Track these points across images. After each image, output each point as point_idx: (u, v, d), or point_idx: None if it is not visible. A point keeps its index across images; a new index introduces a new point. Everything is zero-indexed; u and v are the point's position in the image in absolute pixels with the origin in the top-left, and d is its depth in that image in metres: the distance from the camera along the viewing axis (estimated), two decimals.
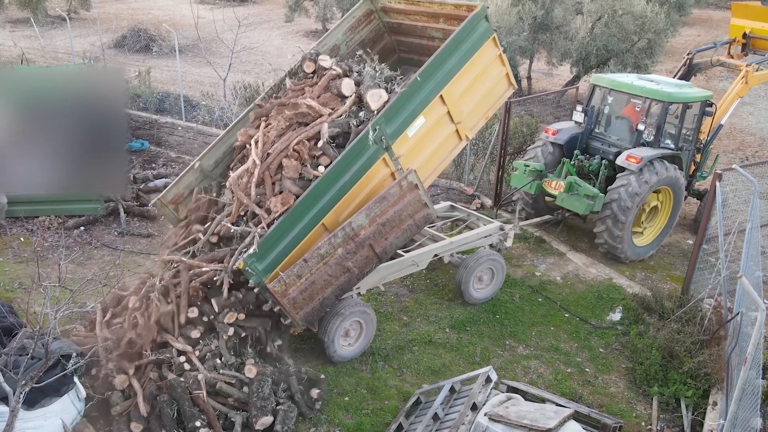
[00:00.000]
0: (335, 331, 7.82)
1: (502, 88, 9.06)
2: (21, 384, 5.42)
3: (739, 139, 17.28)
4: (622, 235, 10.27)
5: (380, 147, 7.62)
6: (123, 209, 11.65)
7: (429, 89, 7.94)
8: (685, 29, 27.26)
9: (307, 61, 8.61)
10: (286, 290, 6.95)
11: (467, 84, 8.41)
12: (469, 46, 8.19)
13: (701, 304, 8.76)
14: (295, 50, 25.52)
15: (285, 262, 7.17)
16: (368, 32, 9.57)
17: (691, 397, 7.54)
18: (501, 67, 8.86)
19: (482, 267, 9.30)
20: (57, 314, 5.68)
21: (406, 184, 7.50)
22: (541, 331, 9.05)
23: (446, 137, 8.49)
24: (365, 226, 7.26)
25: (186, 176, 8.65)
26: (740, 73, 11.54)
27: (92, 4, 32.16)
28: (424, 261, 8.88)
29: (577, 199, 10.30)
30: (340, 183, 7.41)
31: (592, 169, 10.94)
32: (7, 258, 10.23)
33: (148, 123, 15.81)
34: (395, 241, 7.64)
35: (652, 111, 10.50)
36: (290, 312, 7.10)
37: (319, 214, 7.36)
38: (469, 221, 10.19)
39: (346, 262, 7.26)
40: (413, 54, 9.85)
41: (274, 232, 7.06)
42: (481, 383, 6.76)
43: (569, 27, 19.01)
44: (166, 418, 6.59)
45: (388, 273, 8.52)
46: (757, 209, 8.24)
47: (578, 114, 11.23)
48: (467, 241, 9.39)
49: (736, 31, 12.56)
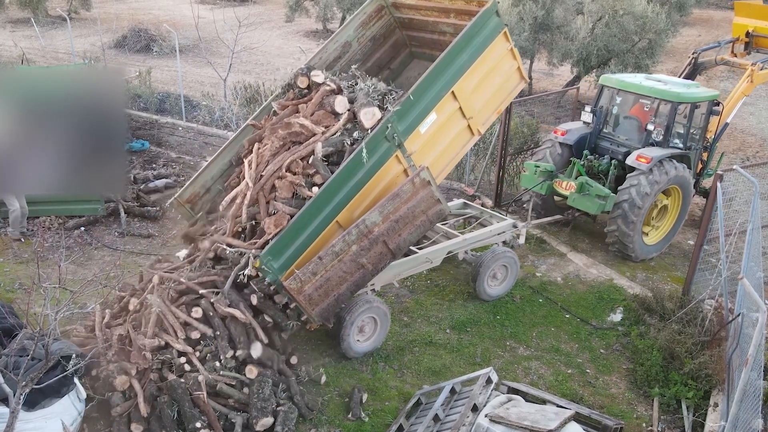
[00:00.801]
0: (350, 327, 7.89)
1: (514, 82, 9.02)
2: (21, 385, 5.42)
3: (739, 139, 17.27)
4: (633, 235, 10.36)
5: (393, 144, 7.62)
6: (123, 210, 11.65)
7: (440, 85, 7.90)
8: (685, 29, 27.26)
9: (300, 77, 8.54)
10: (301, 287, 7.02)
11: (479, 79, 8.37)
12: (480, 42, 8.14)
13: (702, 305, 8.75)
14: (295, 50, 25.54)
15: (300, 259, 7.22)
16: (379, 28, 9.54)
17: (692, 398, 7.53)
18: (512, 62, 8.81)
19: (497, 264, 9.40)
20: (57, 315, 5.68)
21: (419, 181, 7.54)
22: (541, 332, 9.04)
23: (458, 132, 8.47)
24: (379, 223, 7.32)
25: (201, 176, 8.78)
26: (746, 72, 11.69)
27: (93, 4, 32.19)
28: (438, 258, 8.96)
29: (589, 199, 10.41)
30: (353, 181, 7.44)
31: (601, 168, 11.06)
32: (7, 258, 10.22)
33: (149, 123, 15.81)
34: (409, 237, 7.68)
35: (660, 111, 10.63)
36: (306, 308, 7.17)
37: (333, 212, 7.39)
38: (482, 218, 10.26)
39: (360, 259, 7.32)
40: (425, 48, 9.83)
41: (289, 231, 7.10)
42: (482, 384, 6.75)
43: (570, 27, 19.03)
44: (167, 419, 6.59)
45: (403, 269, 8.61)
46: (758, 210, 8.23)
47: (587, 114, 11.30)
48: (481, 238, 9.46)
49: (739, 30, 12.66)
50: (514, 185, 13.48)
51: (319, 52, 9.18)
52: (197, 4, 24.46)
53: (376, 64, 9.81)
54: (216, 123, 15.74)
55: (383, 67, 9.94)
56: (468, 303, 9.54)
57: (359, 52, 9.44)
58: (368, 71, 9.57)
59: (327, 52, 9.21)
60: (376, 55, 9.79)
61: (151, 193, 12.71)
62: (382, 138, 7.50)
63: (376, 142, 7.47)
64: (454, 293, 9.78)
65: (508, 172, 13.01)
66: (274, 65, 24.31)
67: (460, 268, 10.39)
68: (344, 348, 8.02)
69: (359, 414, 7.26)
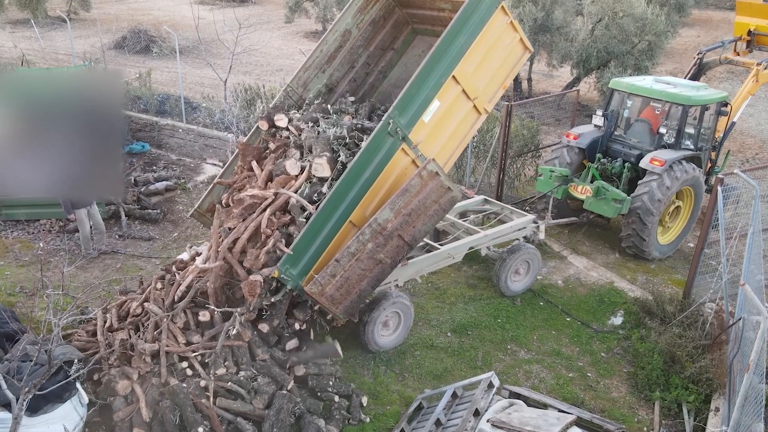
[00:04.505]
0: (374, 322, 8.04)
1: (517, 55, 8.85)
2: (24, 391, 5.42)
3: (739, 141, 17.28)
4: (648, 235, 10.57)
5: (397, 138, 7.59)
6: (124, 212, 11.65)
7: (440, 72, 7.77)
8: (684, 30, 27.30)
9: (261, 120, 8.54)
10: (323, 290, 7.12)
11: (480, 58, 8.22)
12: (478, 21, 7.96)
13: (703, 308, 8.75)
14: (294, 51, 25.54)
15: (318, 262, 7.31)
16: (378, 10, 9.40)
17: (693, 402, 7.54)
18: (513, 34, 8.63)
19: (520, 259, 9.56)
20: (60, 321, 5.68)
21: (426, 173, 7.54)
22: (542, 335, 9.05)
23: (464, 115, 8.39)
24: (391, 219, 7.37)
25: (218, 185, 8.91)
26: (751, 72, 11.97)
27: (92, 4, 32.18)
28: (460, 254, 9.05)
29: (606, 203, 10.61)
30: (360, 181, 7.45)
31: (614, 171, 11.24)
32: (9, 262, 10.22)
33: (149, 125, 15.78)
34: (423, 228, 7.72)
35: (672, 114, 10.85)
36: (330, 308, 7.31)
37: (345, 213, 7.43)
38: (502, 214, 10.34)
39: (377, 255, 7.40)
40: (426, 24, 9.69)
41: (304, 238, 7.18)
42: (484, 389, 6.75)
43: (570, 29, 19.05)
44: (169, 423, 6.59)
45: (425, 266, 8.73)
46: (759, 213, 8.23)
47: (598, 118, 11.49)
48: (502, 234, 9.57)
49: (741, 29, 12.90)
50: (514, 187, 13.50)
51: (320, 45, 9.08)
52: (197, 4, 24.47)
53: (379, 46, 9.71)
54: (216, 125, 15.71)
55: (386, 49, 9.83)
56: (468, 306, 9.55)
57: (360, 38, 9.36)
58: (372, 55, 9.62)
59: (327, 44, 9.11)
60: (378, 38, 9.65)
61: (152, 195, 12.70)
62: (385, 134, 7.47)
63: (379, 140, 7.46)
64: (455, 296, 9.79)
65: (508, 174, 13.04)
66: (274, 66, 24.32)
67: (461, 271, 10.42)
68: (369, 344, 8.20)
69: (359, 417, 7.28)
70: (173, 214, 12.21)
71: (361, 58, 9.56)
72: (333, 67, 9.34)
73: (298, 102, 9.15)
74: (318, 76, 9.24)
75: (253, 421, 6.79)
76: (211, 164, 14.61)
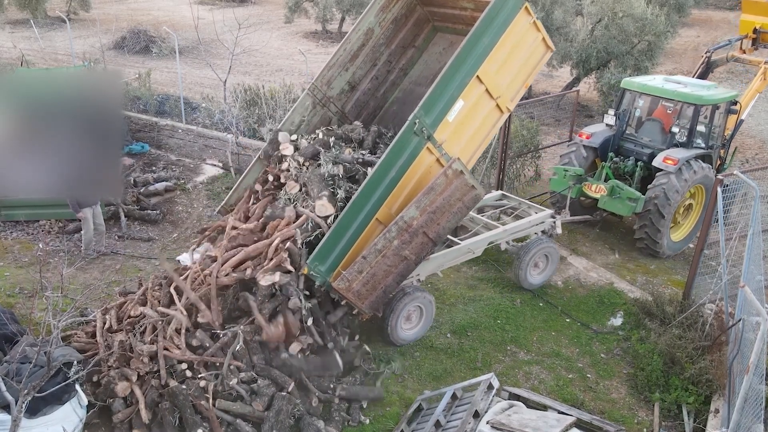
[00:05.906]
0: (397, 316, 8.21)
1: (539, 54, 8.95)
2: (23, 393, 5.42)
3: (738, 141, 17.20)
4: (662, 233, 10.70)
5: (422, 138, 7.72)
6: (123, 213, 11.63)
7: (464, 73, 7.89)
8: (684, 30, 27.31)
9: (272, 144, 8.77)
10: (350, 285, 7.32)
11: (503, 58, 8.32)
12: (502, 22, 8.06)
13: (703, 309, 8.75)
14: (294, 51, 25.53)
15: (346, 259, 7.47)
16: (399, 8, 9.51)
17: (692, 403, 7.54)
18: (536, 33, 8.71)
19: (540, 253, 9.71)
20: (60, 323, 5.67)
21: (452, 172, 7.71)
22: (542, 336, 9.05)
23: (487, 114, 8.52)
24: (417, 217, 7.54)
25: (245, 180, 9.05)
26: (759, 70, 12.17)
27: (92, 5, 32.13)
28: (480, 248, 9.20)
29: (620, 202, 10.77)
30: (386, 180, 7.60)
31: (627, 170, 11.37)
32: (8, 263, 10.21)
33: (149, 125, 15.76)
34: (447, 225, 7.90)
35: (683, 113, 11.00)
36: (356, 303, 7.52)
37: (371, 211, 7.59)
38: (520, 209, 10.45)
39: (402, 252, 7.57)
40: (447, 23, 9.80)
41: (331, 236, 7.36)
42: (483, 390, 6.75)
43: (569, 29, 19.04)
44: (168, 425, 6.59)
45: (446, 260, 8.89)
46: (759, 214, 8.23)
47: (610, 117, 11.61)
48: (521, 228, 9.70)
49: (747, 27, 13.06)
50: (514, 188, 13.49)
51: (343, 44, 9.22)
52: (196, 4, 24.47)
53: (400, 44, 9.85)
54: (216, 125, 15.70)
55: (408, 46, 9.95)
56: (468, 307, 9.55)
57: (382, 36, 9.51)
58: (393, 53, 9.79)
59: (350, 43, 9.27)
60: (399, 36, 9.78)
61: (151, 196, 12.70)
62: (411, 134, 7.61)
63: (405, 139, 7.59)
64: (455, 297, 9.79)
65: (507, 175, 13.03)
66: (273, 66, 24.31)
67: (460, 272, 10.42)
68: (392, 337, 8.38)
69: (359, 419, 7.28)
70: (173, 215, 12.21)
71: (383, 56, 9.72)
72: (356, 65, 9.50)
73: (322, 100, 9.32)
74: (341, 74, 9.41)
75: (252, 423, 6.79)
76: (210, 165, 14.60)
